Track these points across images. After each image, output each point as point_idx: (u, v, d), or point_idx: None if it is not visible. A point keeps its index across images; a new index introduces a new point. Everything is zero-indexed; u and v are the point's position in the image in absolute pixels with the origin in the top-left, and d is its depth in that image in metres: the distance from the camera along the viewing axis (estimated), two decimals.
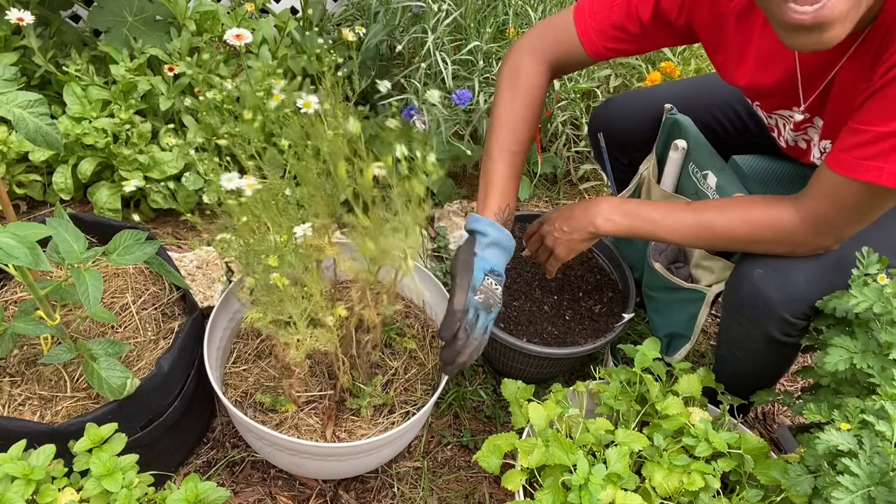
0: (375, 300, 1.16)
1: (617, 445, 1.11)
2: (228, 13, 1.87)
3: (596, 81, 2.06)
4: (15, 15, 1.51)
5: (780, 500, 1.05)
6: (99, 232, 1.37)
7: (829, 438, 0.93)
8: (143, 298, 1.35)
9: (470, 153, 1.54)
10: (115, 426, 1.01)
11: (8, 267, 1.03)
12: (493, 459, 1.15)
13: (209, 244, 1.07)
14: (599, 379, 1.29)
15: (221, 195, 0.99)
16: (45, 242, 1.14)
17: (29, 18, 1.51)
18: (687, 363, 1.27)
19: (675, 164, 1.43)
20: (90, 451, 0.98)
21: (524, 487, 1.12)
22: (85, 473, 0.97)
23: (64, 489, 0.96)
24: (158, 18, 1.86)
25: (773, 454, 1.12)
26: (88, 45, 1.93)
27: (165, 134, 1.75)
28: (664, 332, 1.47)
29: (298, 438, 1.24)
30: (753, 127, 1.43)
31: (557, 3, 1.90)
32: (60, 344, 1.14)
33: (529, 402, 1.20)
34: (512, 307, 1.49)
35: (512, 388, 1.25)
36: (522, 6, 1.84)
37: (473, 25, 1.83)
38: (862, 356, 1.01)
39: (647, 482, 1.10)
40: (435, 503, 1.39)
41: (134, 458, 0.99)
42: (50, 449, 0.97)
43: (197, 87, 1.72)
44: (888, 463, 0.88)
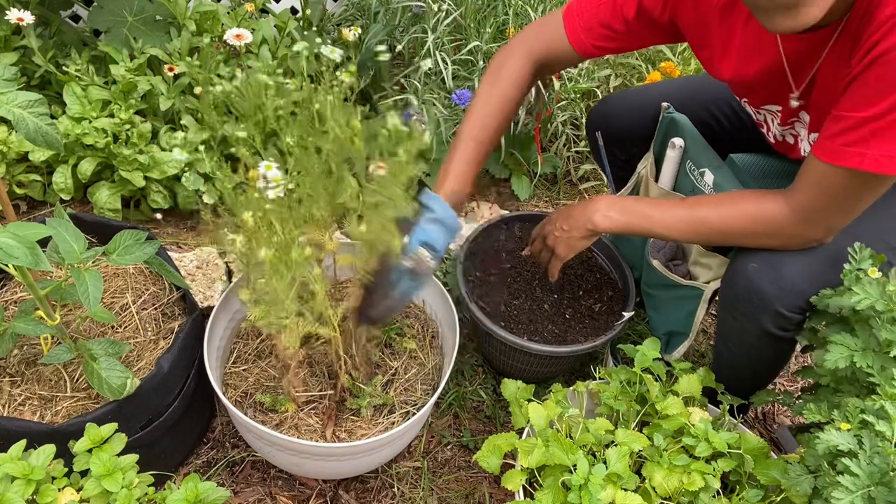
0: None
1: (617, 445, 1.11)
2: (228, 13, 1.87)
3: (596, 81, 2.06)
4: (15, 15, 1.51)
5: (780, 500, 1.05)
6: (99, 232, 1.37)
7: (829, 438, 0.93)
8: (143, 298, 1.35)
9: None
10: (115, 426, 1.01)
11: (8, 267, 1.03)
12: (493, 459, 1.15)
13: (213, 242, 1.07)
14: (599, 379, 1.29)
15: (226, 192, 1.00)
16: (45, 242, 1.14)
17: (29, 18, 1.52)
18: (687, 363, 1.27)
19: (672, 162, 1.44)
20: (90, 451, 0.98)
21: (524, 487, 1.12)
22: (85, 473, 0.97)
23: (64, 489, 0.96)
24: (158, 18, 1.86)
25: (773, 454, 1.12)
26: (88, 45, 1.93)
27: (165, 134, 1.75)
28: (663, 329, 1.48)
29: (298, 438, 1.24)
30: (748, 122, 1.44)
31: (557, 2, 1.90)
32: (60, 344, 1.14)
33: (529, 402, 1.20)
34: (512, 306, 1.49)
35: (512, 388, 1.25)
36: (522, 6, 1.84)
37: (473, 25, 1.83)
38: (862, 354, 1.01)
39: (647, 482, 1.10)
40: (435, 503, 1.39)
41: (134, 458, 0.99)
42: (50, 449, 0.97)
43: (197, 87, 1.72)
44: (888, 463, 0.88)
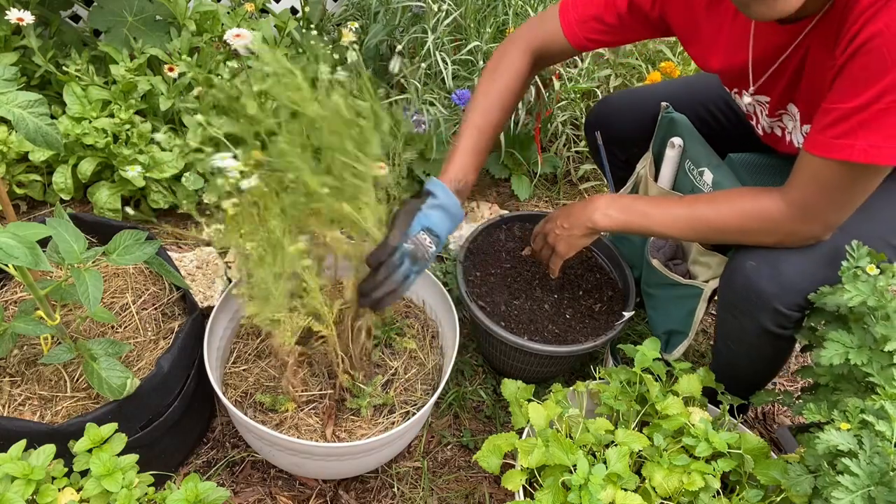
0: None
1: (617, 445, 1.11)
2: (228, 13, 1.88)
3: (596, 81, 2.06)
4: (15, 15, 1.51)
5: (780, 500, 1.05)
6: (99, 232, 1.37)
7: (829, 438, 0.93)
8: (143, 298, 1.35)
9: None
10: (115, 426, 1.01)
11: (8, 267, 1.03)
12: (493, 459, 1.15)
13: (209, 238, 1.07)
14: (599, 379, 1.29)
15: (225, 189, 1.00)
16: (45, 242, 1.14)
17: (29, 18, 1.52)
18: (687, 363, 1.27)
19: (671, 161, 1.45)
20: (90, 451, 0.98)
21: (524, 487, 1.12)
22: (85, 473, 0.97)
23: (64, 489, 0.96)
24: (158, 18, 1.87)
25: (773, 454, 1.12)
26: (88, 45, 1.93)
27: (165, 134, 1.76)
28: (663, 328, 1.48)
29: (298, 438, 1.24)
30: (745, 119, 1.44)
31: (557, 2, 1.89)
32: (60, 344, 1.14)
33: (529, 402, 1.20)
34: (512, 306, 1.49)
35: (512, 388, 1.25)
36: (522, 6, 1.84)
37: (473, 25, 1.83)
38: (857, 351, 1.01)
39: (647, 482, 1.10)
40: (435, 503, 1.39)
41: (134, 458, 0.99)
42: (50, 449, 0.97)
43: (197, 86, 1.72)
44: (888, 463, 0.88)
